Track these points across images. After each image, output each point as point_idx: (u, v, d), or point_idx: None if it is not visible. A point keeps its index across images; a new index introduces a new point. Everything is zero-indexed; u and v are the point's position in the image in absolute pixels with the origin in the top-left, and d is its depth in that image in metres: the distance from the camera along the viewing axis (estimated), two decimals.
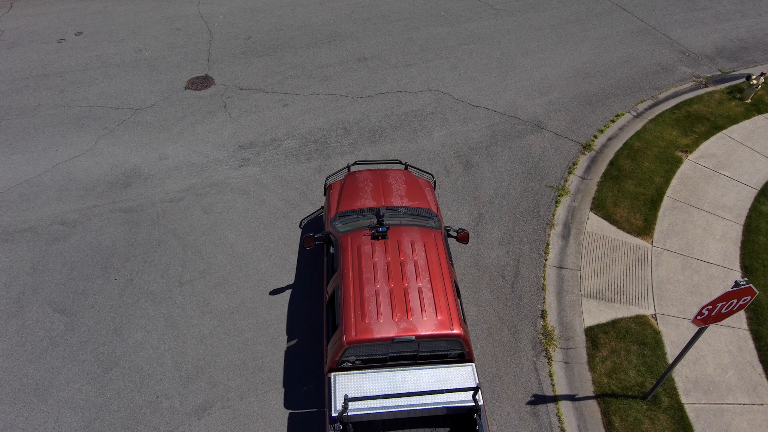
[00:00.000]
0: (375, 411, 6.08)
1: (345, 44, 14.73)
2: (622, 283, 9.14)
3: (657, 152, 11.46)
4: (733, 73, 14.13)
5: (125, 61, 13.87)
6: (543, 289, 9.08)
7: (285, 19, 15.83)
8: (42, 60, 13.84)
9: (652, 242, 9.76)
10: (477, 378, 6.55)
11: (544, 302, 8.90)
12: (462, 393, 6.25)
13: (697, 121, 12.28)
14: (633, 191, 10.61)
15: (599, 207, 10.34)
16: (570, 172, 11.14)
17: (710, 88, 13.47)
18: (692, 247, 9.68)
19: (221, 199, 10.31)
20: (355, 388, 6.27)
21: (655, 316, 8.68)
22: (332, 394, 6.26)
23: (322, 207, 10.08)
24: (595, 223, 10.08)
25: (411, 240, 7.20)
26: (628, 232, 9.92)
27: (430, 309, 6.51)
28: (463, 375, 6.50)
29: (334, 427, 5.97)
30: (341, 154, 11.33)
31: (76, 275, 9.00)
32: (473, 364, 6.67)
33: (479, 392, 6.12)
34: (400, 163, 9.38)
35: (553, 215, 10.27)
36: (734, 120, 12.35)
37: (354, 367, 6.57)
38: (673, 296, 8.95)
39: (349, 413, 6.04)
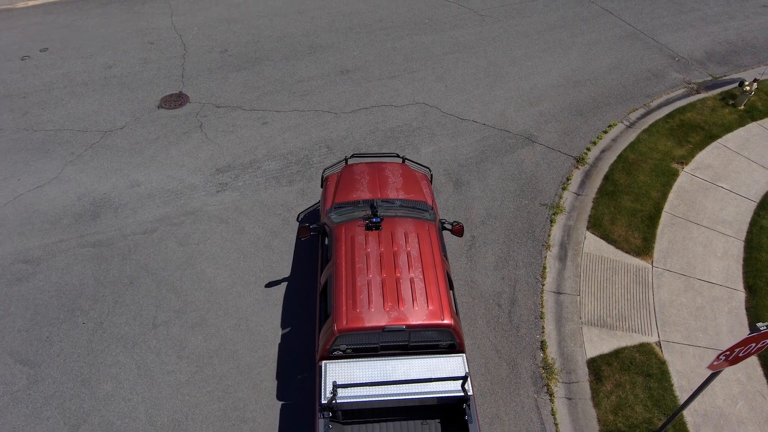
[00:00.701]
0: (365, 399, 6.14)
1: (326, 56, 14.14)
2: (623, 308, 8.72)
3: (652, 165, 11.08)
4: (725, 77, 13.84)
5: (94, 78, 13.13)
6: (542, 318, 8.62)
7: (263, 30, 15.18)
8: (3, 80, 13.03)
9: (652, 262, 9.36)
10: (467, 368, 6.57)
11: (543, 332, 8.43)
12: (452, 383, 6.30)
13: (691, 130, 11.94)
14: (630, 207, 10.21)
15: (596, 225, 9.92)
16: (564, 188, 10.71)
17: (702, 95, 13.16)
18: (694, 267, 9.30)
19: (198, 228, 9.68)
20: (345, 377, 6.31)
21: (659, 344, 8.27)
22: (323, 382, 6.30)
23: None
24: (592, 243, 9.65)
25: (405, 231, 7.25)
26: (627, 252, 9.51)
27: (422, 299, 6.56)
28: (453, 365, 6.53)
29: (323, 415, 6.02)
30: None
31: (40, 320, 8.31)
32: (464, 354, 6.70)
33: (468, 382, 6.20)
34: (398, 156, 9.23)
35: (549, 235, 9.82)
36: (728, 128, 12.04)
37: (345, 356, 6.61)
38: (677, 321, 8.55)
39: (339, 401, 6.08)
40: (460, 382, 6.28)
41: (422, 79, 13.39)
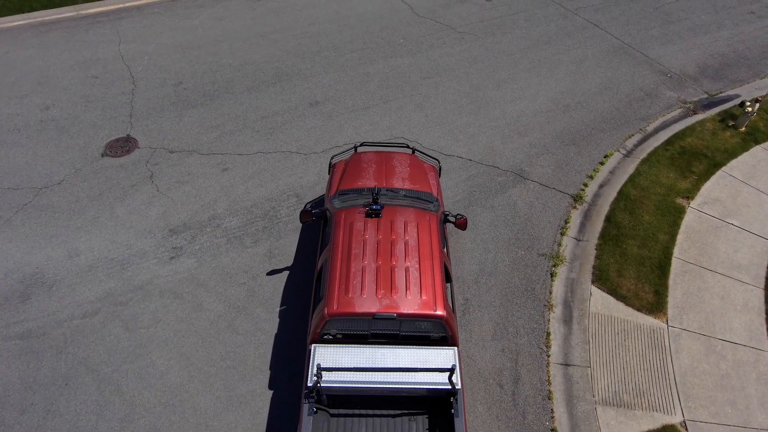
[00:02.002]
0: (350, 384, 6.07)
1: (293, 85, 12.82)
2: (640, 380, 7.68)
3: (656, 201, 10.10)
4: (721, 95, 12.99)
5: (28, 123, 11.56)
6: (550, 398, 7.51)
7: (222, 57, 13.77)
8: None
9: (667, 321, 8.35)
10: (457, 361, 6.41)
11: (553, 417, 7.33)
12: (440, 376, 6.18)
13: (694, 158, 11.01)
14: (637, 254, 9.20)
15: (602, 278, 8.87)
16: (563, 233, 9.64)
17: (700, 115, 12.27)
18: (713, 324, 8.32)
19: (147, 307, 8.30)
20: (333, 361, 6.25)
21: (684, 424, 7.25)
22: (311, 365, 6.23)
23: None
24: (599, 301, 8.61)
25: (405, 220, 7.18)
26: (638, 310, 8.48)
27: (415, 289, 6.48)
28: (443, 358, 6.39)
29: (308, 398, 5.99)
30: (295, 231, 9.47)
31: None
32: (456, 348, 6.55)
33: (456, 375, 6.13)
34: (408, 147, 9.04)
35: (551, 293, 8.74)
36: (732, 154, 11.15)
37: (335, 341, 6.53)
38: (701, 393, 7.55)
39: (324, 384, 6.03)
40: (447, 374, 6.16)
41: (400, 108, 12.18)
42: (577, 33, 15.01)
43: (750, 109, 11.36)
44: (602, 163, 11.04)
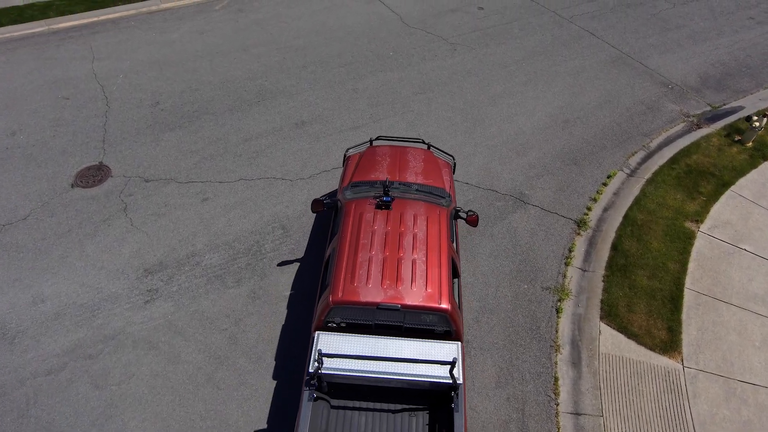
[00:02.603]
0: (351, 372, 6.03)
1: (277, 104, 12.12)
2: (657, 429, 7.09)
3: (664, 226, 9.55)
4: (724, 107, 12.49)
5: None
6: None
7: (201, 74, 13.03)
8: None
9: (682, 361, 7.78)
10: (462, 357, 6.36)
11: None
12: (442, 370, 6.10)
13: (701, 177, 10.48)
14: (647, 286, 8.63)
15: (611, 314, 8.29)
16: (567, 263, 9.05)
17: (704, 130, 11.75)
18: (731, 363, 7.77)
19: (119, 361, 7.58)
20: (336, 349, 6.22)
21: None
22: (313, 352, 6.22)
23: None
24: (609, 340, 8.02)
25: (414, 213, 7.17)
26: (651, 349, 7.90)
27: (421, 281, 6.45)
28: (446, 352, 6.28)
29: (309, 384, 5.98)
30: (281, 269, 8.79)
31: None
32: (460, 343, 6.44)
33: (458, 369, 6.09)
34: (423, 142, 9.04)
35: (557, 332, 8.14)
36: (740, 172, 10.64)
37: (339, 329, 6.53)
38: None
39: (325, 371, 6.01)
40: (448, 367, 6.06)
41: (391, 127, 11.53)
42: (573, 42, 14.45)
43: (757, 123, 10.85)
44: (605, 184, 10.47)
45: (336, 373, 6.03)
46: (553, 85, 12.88)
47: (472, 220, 7.79)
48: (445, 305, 6.31)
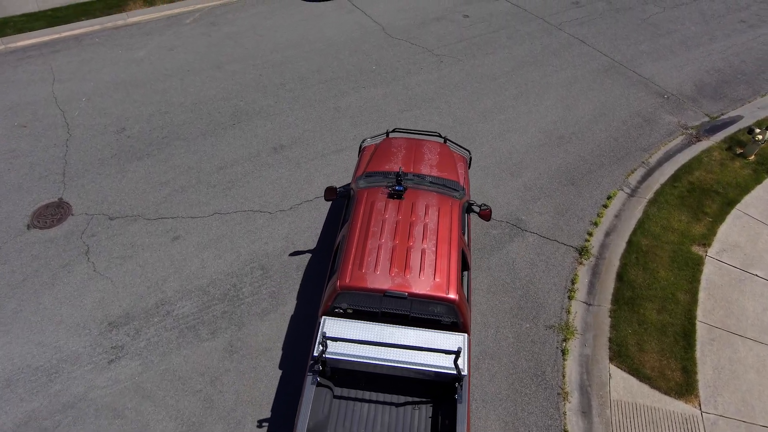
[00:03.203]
0: (354, 358, 6.03)
1: (254, 126, 11.31)
2: None
3: (671, 252, 8.98)
4: (723, 117, 12.01)
5: None
6: None
7: (172, 94, 12.16)
8: None
9: (700, 405, 7.20)
10: (468, 349, 6.29)
11: None
12: (447, 360, 6.06)
13: (705, 196, 9.94)
14: (657, 321, 8.04)
15: (621, 355, 7.68)
16: (570, 297, 8.43)
17: (704, 143, 11.24)
18: (751, 406, 7.20)
19: None
20: (341, 334, 6.22)
21: None
22: (318, 335, 6.26)
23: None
24: (620, 384, 7.40)
25: (426, 204, 7.14)
26: (666, 393, 7.30)
27: (429, 270, 6.41)
28: (452, 343, 6.26)
29: (313, 368, 5.99)
30: (262, 316, 8.01)
31: None
32: (466, 335, 6.40)
33: (462, 360, 6.03)
34: (439, 136, 9.06)
35: (564, 376, 7.49)
36: (745, 188, 10.13)
37: (345, 315, 6.55)
38: None
39: (329, 355, 6.03)
40: (453, 358, 6.02)
41: None
42: (563, 51, 13.88)
43: (761, 137, 10.35)
44: (606, 206, 9.88)
45: (340, 358, 6.02)
46: (545, 98, 12.28)
47: (485, 215, 7.76)
48: (452, 295, 6.21)
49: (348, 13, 15.43)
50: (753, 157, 10.77)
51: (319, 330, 6.29)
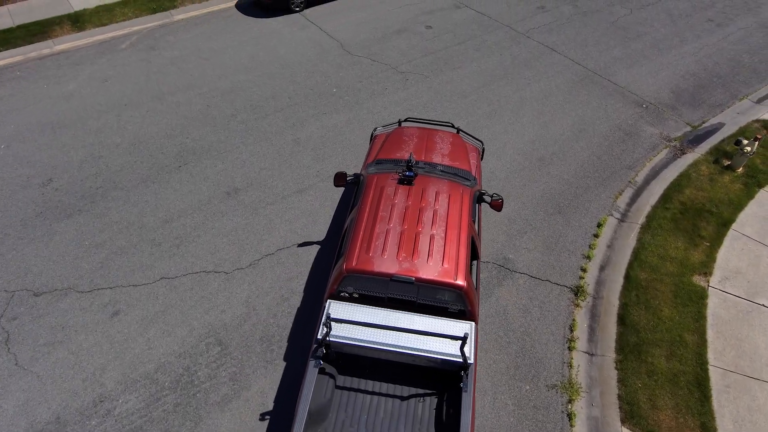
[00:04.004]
0: (359, 342, 5.90)
1: (203, 168, 10.05)
2: None
3: (672, 285, 8.26)
4: (704, 125, 11.47)
5: None
6: None
7: (107, 134, 10.74)
8: None
9: None
10: (475, 338, 6.19)
11: None
12: (452, 347, 5.90)
13: (698, 217, 9.30)
14: (667, 370, 7.27)
15: (633, 415, 6.86)
16: (571, 347, 7.58)
17: (690, 155, 10.64)
18: None
19: None
20: (346, 318, 6.05)
21: None
22: (323, 318, 6.15)
23: None
24: None
25: (437, 190, 7.03)
26: None
27: (438, 256, 6.28)
28: (459, 330, 6.12)
29: (316, 351, 5.91)
30: (222, 406, 6.81)
31: None
32: (473, 323, 6.27)
33: (469, 348, 5.88)
34: (452, 126, 8.99)
35: None
36: (738, 205, 9.54)
37: (352, 300, 6.43)
38: None
39: (333, 338, 5.90)
40: (459, 344, 5.90)
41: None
42: (534, 61, 13.11)
43: (749, 149, 9.80)
44: (597, 235, 9.10)
45: (344, 341, 5.89)
46: (520, 115, 11.46)
47: (497, 205, 7.55)
48: (460, 282, 6.06)
49: (302, 29, 14.25)
50: (741, 169, 10.23)
51: (324, 312, 6.15)
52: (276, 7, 14.68)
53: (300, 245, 8.71)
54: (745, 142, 9.86)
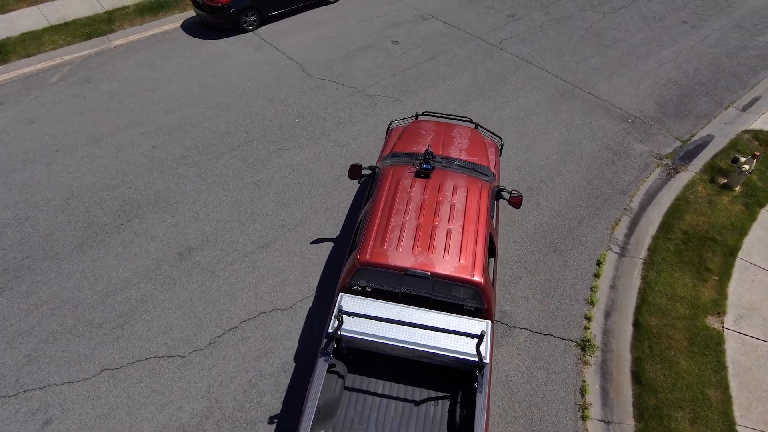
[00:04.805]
0: (371, 337, 5.68)
1: (150, 224, 8.73)
2: None
3: (685, 331, 7.48)
4: (694, 139, 10.83)
5: None
6: None
7: (35, 189, 9.27)
8: None
9: None
10: (491, 338, 5.84)
11: None
12: (468, 346, 5.63)
13: (703, 247, 8.58)
14: None
15: None
16: (585, 416, 6.68)
17: (684, 174, 9.95)
18: None
19: None
20: (358, 312, 5.78)
21: None
22: (334, 311, 5.92)
23: None
24: None
25: (454, 184, 6.79)
26: None
27: (454, 251, 6.05)
28: (475, 328, 5.79)
29: (327, 345, 5.74)
30: None
31: None
32: (490, 322, 5.89)
33: (484, 347, 5.60)
34: (470, 121, 8.76)
35: None
36: (742, 230, 8.88)
37: (364, 294, 6.21)
38: None
39: (344, 332, 5.70)
40: (474, 342, 5.65)
41: (313, 235, 8.59)
42: (510, 76, 12.25)
43: (747, 167, 9.16)
44: (597, 275, 8.26)
45: (356, 336, 5.72)
46: (502, 138, 10.55)
47: (516, 202, 7.27)
48: (477, 278, 5.87)
49: (257, 50, 12.99)
50: (739, 188, 9.60)
51: (336, 305, 5.93)
52: (226, 27, 13.36)
53: (267, 313, 7.54)
54: (743, 159, 9.22)
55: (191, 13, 14.32)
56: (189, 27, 13.95)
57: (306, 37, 13.51)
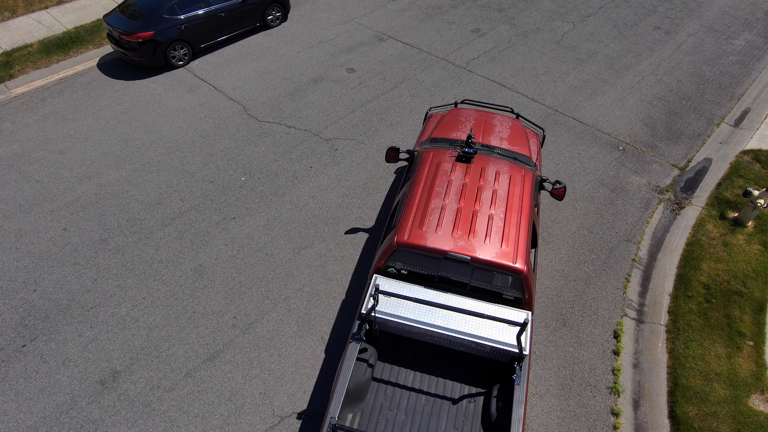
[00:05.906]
0: (405, 320, 5.46)
1: (60, 343, 6.78)
2: None
3: (730, 420, 6.27)
4: (691, 165, 9.79)
5: None
6: None
7: None
8: None
9: None
10: (531, 329, 5.71)
11: None
12: (507, 335, 5.43)
13: (729, 303, 7.45)
14: None
15: None
16: None
17: (689, 210, 8.86)
18: None
19: None
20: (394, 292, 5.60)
21: None
22: (369, 292, 5.76)
23: None
24: None
25: (497, 170, 6.60)
26: None
27: (496, 237, 5.82)
28: (516, 317, 5.58)
29: (360, 326, 5.51)
30: None
31: None
32: (530, 313, 5.70)
33: (527, 338, 5.42)
34: (512, 111, 8.40)
35: None
36: (764, 276, 7.85)
37: (399, 277, 6.03)
38: None
39: (379, 314, 5.49)
40: (515, 332, 5.46)
41: (275, 336, 6.89)
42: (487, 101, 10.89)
43: (761, 201, 8.13)
44: (617, 352, 6.99)
45: (390, 319, 5.47)
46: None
47: (559, 193, 7.01)
48: (519, 265, 5.59)
49: (190, 90, 11.10)
50: (751, 223, 8.60)
51: (370, 285, 5.76)
52: (151, 65, 11.39)
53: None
54: (756, 193, 8.18)
55: (109, 48, 12.25)
56: (107, 65, 11.88)
57: (247, 70, 11.71)
